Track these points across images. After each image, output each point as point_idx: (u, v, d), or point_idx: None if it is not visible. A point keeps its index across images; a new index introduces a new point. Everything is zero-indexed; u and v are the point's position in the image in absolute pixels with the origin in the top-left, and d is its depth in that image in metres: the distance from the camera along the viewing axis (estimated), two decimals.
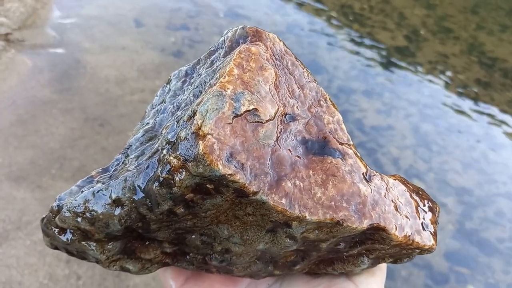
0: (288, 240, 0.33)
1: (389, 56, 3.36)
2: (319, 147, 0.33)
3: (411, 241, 0.34)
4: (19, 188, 1.87)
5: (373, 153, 2.50)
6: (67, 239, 0.35)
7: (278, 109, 0.32)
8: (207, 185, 0.29)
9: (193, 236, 0.35)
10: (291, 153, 0.31)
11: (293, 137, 0.32)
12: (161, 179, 0.30)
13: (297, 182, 0.30)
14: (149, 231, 0.34)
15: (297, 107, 0.34)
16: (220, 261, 0.36)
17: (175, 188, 0.29)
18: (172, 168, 0.29)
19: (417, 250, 0.35)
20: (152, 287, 1.64)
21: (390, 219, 0.33)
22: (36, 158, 2.01)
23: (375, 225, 0.32)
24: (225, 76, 0.30)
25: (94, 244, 0.35)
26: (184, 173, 0.29)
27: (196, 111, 0.29)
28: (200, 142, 0.28)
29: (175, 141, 0.30)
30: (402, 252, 0.35)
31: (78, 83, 2.50)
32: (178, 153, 0.29)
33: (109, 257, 0.36)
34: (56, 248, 0.38)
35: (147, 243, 0.36)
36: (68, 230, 0.35)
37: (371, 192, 0.33)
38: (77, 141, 2.14)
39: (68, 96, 2.39)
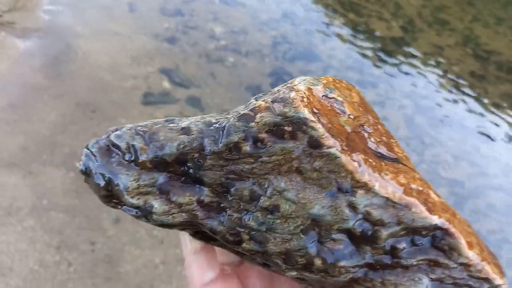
0: (347, 211, 0.30)
1: (385, 46, 3.34)
2: (390, 159, 0.33)
3: (481, 266, 0.30)
4: (10, 174, 1.85)
5: None
6: (114, 159, 0.35)
7: (358, 116, 0.33)
8: (285, 127, 0.30)
9: (244, 184, 0.32)
10: (364, 147, 0.32)
11: (367, 141, 0.33)
12: (242, 113, 0.31)
13: (370, 160, 0.30)
14: (200, 167, 0.33)
15: (371, 131, 0.34)
16: (259, 223, 0.32)
17: (253, 123, 0.30)
18: (257, 108, 0.31)
19: (486, 285, 0.31)
20: (143, 274, 1.64)
21: (461, 231, 0.30)
22: (27, 144, 1.98)
23: (445, 226, 0.30)
24: (321, 77, 0.34)
25: (133, 168, 0.34)
26: (267, 112, 0.30)
27: (292, 82, 0.32)
28: (293, 91, 0.30)
29: (267, 93, 0.32)
30: (468, 283, 0.31)
31: (70, 69, 2.46)
32: (267, 98, 0.31)
33: (140, 186, 0.34)
34: (85, 172, 0.36)
35: (186, 186, 0.34)
36: (116, 149, 0.35)
37: (440, 203, 0.31)
38: (68, 127, 2.12)
39: (60, 82, 2.36)
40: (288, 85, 0.31)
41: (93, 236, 1.71)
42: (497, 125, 2.87)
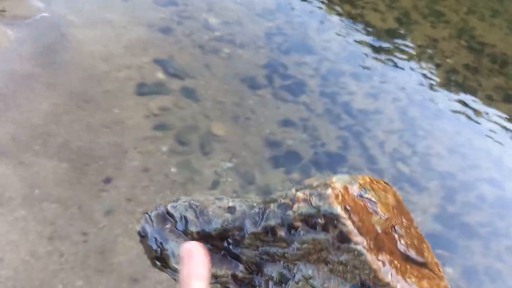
0: None
1: (379, 38, 3.34)
2: (417, 263, 0.35)
3: None
4: (0, 164, 1.84)
5: (359, 136, 2.51)
6: (168, 226, 0.40)
7: (391, 217, 0.36)
8: (319, 219, 0.32)
9: (275, 266, 0.36)
10: (392, 247, 0.34)
11: (396, 243, 0.35)
12: (282, 202, 0.34)
13: (396, 262, 0.32)
14: (238, 245, 0.37)
15: (402, 233, 0.36)
16: None
17: (290, 211, 0.33)
18: (296, 198, 0.34)
19: None
20: (137, 265, 1.64)
21: None
22: (18, 134, 1.96)
23: None
24: (359, 179, 0.36)
25: (182, 237, 0.39)
26: (304, 203, 0.33)
27: (330, 179, 0.34)
28: (330, 189, 0.33)
29: (305, 187, 0.35)
30: None
31: (62, 58, 2.44)
32: (305, 191, 0.34)
33: None
34: (142, 234, 0.41)
35: (224, 259, 0.39)
36: (171, 218, 0.40)
37: None
38: (61, 117, 2.10)
39: (52, 71, 2.33)
40: (327, 182, 0.34)
41: (86, 227, 1.71)
42: (490, 118, 2.88)
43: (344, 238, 0.31)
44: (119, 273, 1.62)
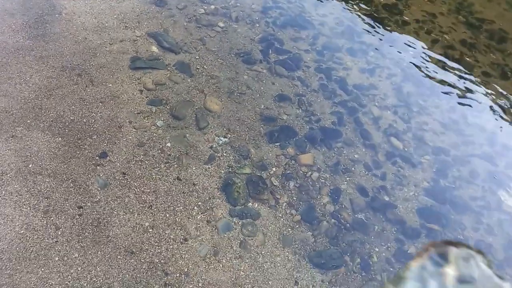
0: None
1: (377, 13, 3.29)
2: None
3: None
4: None
5: (354, 112, 2.51)
6: None
7: None
8: None
9: None
10: None
11: None
12: None
13: None
14: None
15: None
16: None
17: None
18: None
19: None
20: (132, 238, 1.65)
21: None
22: (9, 107, 1.94)
23: None
24: None
25: None
26: None
27: None
28: None
29: None
30: None
31: (54, 30, 2.38)
32: None
33: None
34: None
35: None
36: None
37: None
38: (54, 91, 2.07)
39: (43, 43, 2.28)
40: None
41: (81, 200, 1.71)
42: (485, 94, 2.88)
43: None
44: (115, 245, 1.63)
